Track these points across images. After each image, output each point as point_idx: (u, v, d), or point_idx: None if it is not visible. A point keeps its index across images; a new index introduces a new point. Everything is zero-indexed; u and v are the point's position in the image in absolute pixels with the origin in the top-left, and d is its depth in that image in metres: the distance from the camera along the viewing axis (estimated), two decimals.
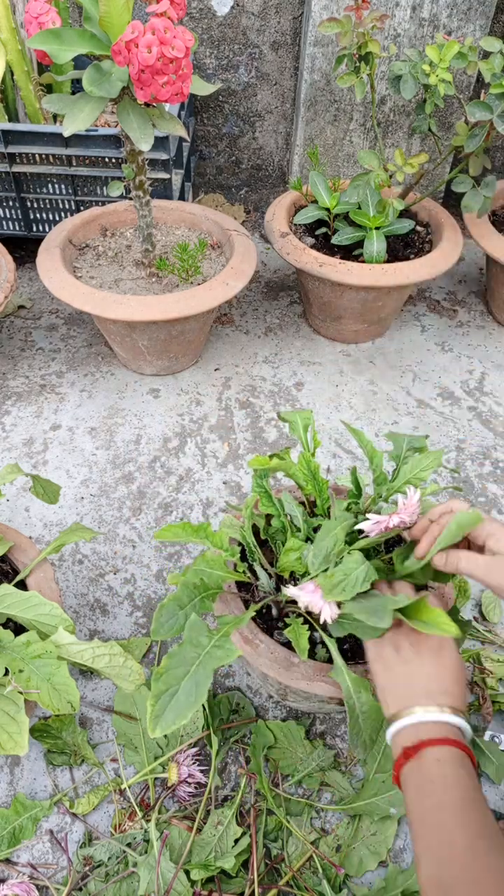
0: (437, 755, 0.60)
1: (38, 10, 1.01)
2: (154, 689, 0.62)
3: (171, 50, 0.93)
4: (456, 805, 0.57)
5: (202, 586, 0.74)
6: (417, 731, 0.62)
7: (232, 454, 1.34)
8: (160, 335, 1.35)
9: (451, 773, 0.59)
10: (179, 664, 0.64)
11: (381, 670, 0.68)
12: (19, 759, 0.94)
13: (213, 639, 0.67)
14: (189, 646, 0.66)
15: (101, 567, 1.16)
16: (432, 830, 0.57)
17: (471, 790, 0.58)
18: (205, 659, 0.65)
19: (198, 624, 0.67)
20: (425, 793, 0.59)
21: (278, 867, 0.85)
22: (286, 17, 1.74)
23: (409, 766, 0.61)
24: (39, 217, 1.61)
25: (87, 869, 0.84)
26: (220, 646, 0.66)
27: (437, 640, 0.67)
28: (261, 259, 1.84)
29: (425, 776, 0.59)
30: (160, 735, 0.61)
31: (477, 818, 0.56)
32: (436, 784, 0.59)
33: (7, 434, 1.37)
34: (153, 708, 0.62)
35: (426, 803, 0.58)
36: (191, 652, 0.65)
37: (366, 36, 1.26)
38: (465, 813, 0.57)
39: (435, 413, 1.44)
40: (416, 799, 0.59)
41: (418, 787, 0.59)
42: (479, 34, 1.64)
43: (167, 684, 0.63)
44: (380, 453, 0.84)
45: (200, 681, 0.63)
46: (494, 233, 1.49)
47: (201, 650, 0.65)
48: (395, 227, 1.45)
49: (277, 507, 0.83)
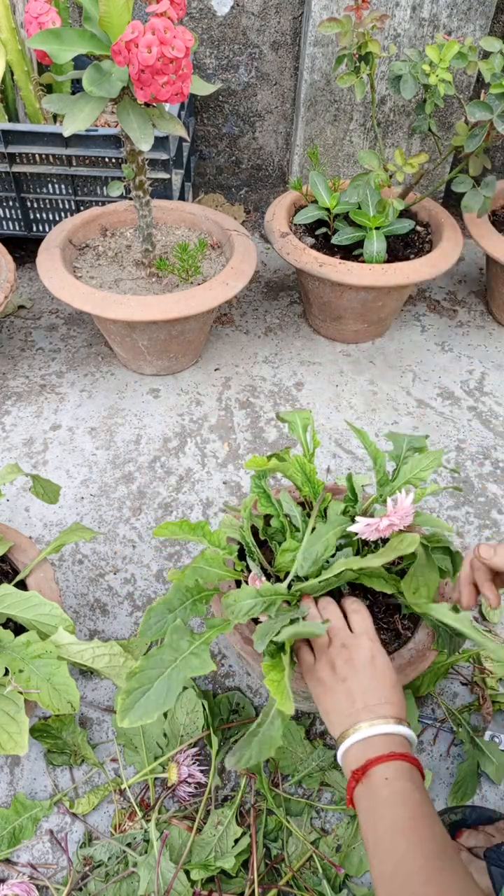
0: (385, 773, 0.60)
1: (38, 10, 1.01)
2: (126, 685, 0.65)
3: (171, 50, 0.93)
4: (406, 826, 0.57)
5: (196, 589, 0.74)
6: (364, 749, 0.62)
7: (232, 454, 1.34)
8: (160, 335, 1.35)
9: (399, 791, 0.59)
10: (155, 665, 0.66)
11: (321, 693, 0.69)
12: (19, 759, 0.94)
13: (193, 644, 0.68)
14: (168, 649, 0.67)
15: (101, 567, 1.16)
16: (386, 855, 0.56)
17: (420, 806, 0.58)
18: (181, 664, 0.66)
19: (180, 629, 0.69)
20: (377, 815, 0.59)
21: (278, 867, 0.85)
22: (286, 17, 1.74)
23: (360, 789, 0.61)
24: (39, 217, 1.61)
25: (87, 869, 0.84)
26: (197, 654, 0.67)
27: (368, 651, 0.68)
28: (261, 259, 1.84)
29: (375, 798, 0.59)
30: (127, 726, 0.63)
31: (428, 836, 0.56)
32: (386, 805, 0.58)
33: (7, 434, 1.37)
34: (123, 702, 0.64)
35: (378, 827, 0.58)
36: (169, 655, 0.67)
37: (366, 36, 1.26)
38: (417, 833, 0.56)
39: (435, 413, 1.44)
40: (369, 823, 0.59)
41: (370, 810, 0.59)
42: (479, 34, 1.64)
43: (140, 682, 0.65)
44: (383, 454, 0.85)
45: (172, 685, 0.65)
46: (494, 233, 1.49)
47: (179, 655, 0.67)
48: (395, 227, 1.45)
49: (276, 508, 0.83)
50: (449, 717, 0.98)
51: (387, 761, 0.60)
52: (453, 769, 0.95)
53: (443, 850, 0.55)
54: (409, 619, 0.86)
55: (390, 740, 0.62)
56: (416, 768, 0.62)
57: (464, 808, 0.89)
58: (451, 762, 0.95)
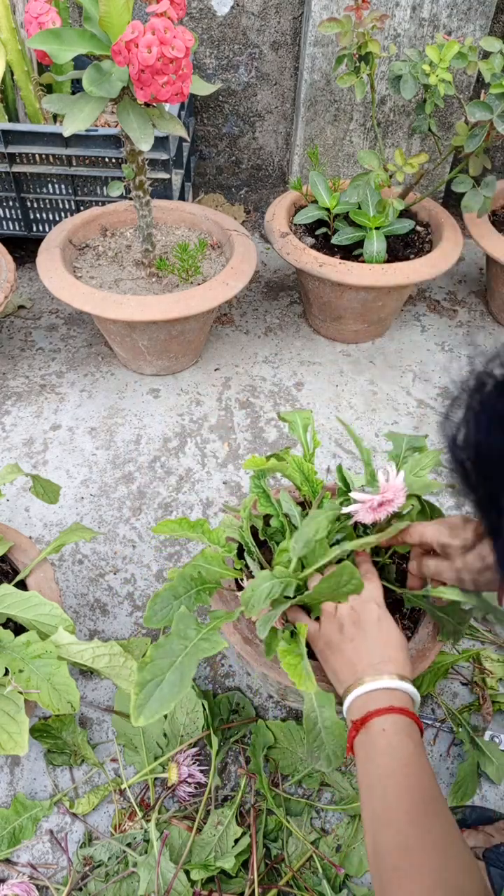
0: (383, 724, 0.62)
1: (38, 10, 1.01)
2: (139, 677, 0.63)
3: (171, 50, 0.94)
4: (398, 772, 0.59)
5: (199, 579, 0.75)
6: (366, 702, 0.65)
7: (232, 454, 1.34)
8: (160, 335, 1.35)
9: (395, 741, 0.61)
10: (165, 655, 0.65)
11: (329, 654, 0.71)
12: (19, 759, 0.94)
13: (200, 632, 0.68)
14: (176, 637, 0.67)
15: (101, 567, 1.16)
16: (376, 798, 0.59)
17: (413, 756, 0.60)
18: (192, 650, 0.66)
19: (186, 616, 0.68)
20: (372, 762, 0.61)
21: (278, 867, 0.85)
22: (286, 17, 1.74)
23: (359, 738, 0.63)
24: (39, 217, 1.61)
25: (87, 869, 0.84)
26: (207, 638, 0.67)
27: (375, 613, 0.70)
28: (261, 259, 1.84)
29: (372, 746, 0.62)
30: (143, 724, 0.61)
31: (417, 784, 0.58)
32: (381, 754, 0.61)
33: (7, 434, 1.37)
34: (137, 697, 0.62)
35: (372, 772, 0.61)
36: (177, 644, 0.66)
37: (366, 36, 1.26)
38: (407, 779, 0.59)
39: (435, 413, 1.44)
40: (364, 768, 0.62)
41: (366, 757, 0.62)
42: (479, 34, 1.64)
43: (152, 674, 0.64)
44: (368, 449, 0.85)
45: (185, 672, 0.64)
46: (494, 233, 1.49)
47: (188, 642, 0.67)
48: (395, 227, 1.45)
49: (276, 507, 0.83)
50: (449, 717, 0.98)
51: (386, 714, 0.63)
52: (453, 769, 0.95)
53: (429, 797, 0.58)
54: (410, 618, 0.86)
55: (391, 695, 0.64)
56: (415, 723, 0.63)
57: (464, 809, 0.89)
58: (451, 762, 0.95)
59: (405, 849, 0.54)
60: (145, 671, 0.64)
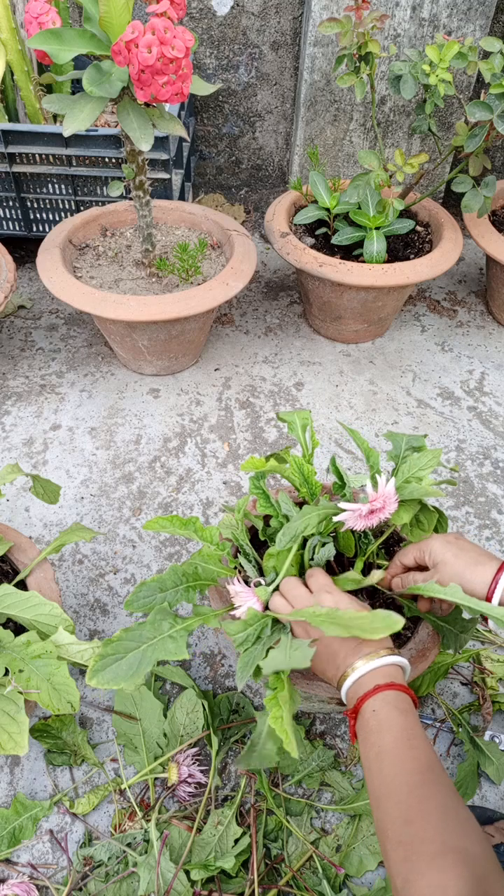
0: (372, 706, 0.63)
1: (38, 10, 1.01)
2: (101, 650, 0.66)
3: (171, 50, 0.93)
4: (390, 747, 0.60)
5: (193, 575, 0.75)
6: (356, 690, 0.66)
7: (232, 454, 1.34)
8: (160, 335, 1.35)
9: (384, 718, 0.62)
10: (133, 639, 0.68)
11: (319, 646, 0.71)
12: (19, 759, 0.94)
13: (173, 628, 0.69)
14: (149, 626, 0.69)
15: (101, 567, 1.16)
16: (374, 777, 0.60)
17: (404, 729, 0.61)
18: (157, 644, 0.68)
19: (165, 610, 0.70)
20: (368, 745, 0.62)
21: (278, 867, 0.85)
22: (286, 17, 1.74)
23: (357, 726, 0.65)
24: (39, 217, 1.61)
25: (87, 869, 0.84)
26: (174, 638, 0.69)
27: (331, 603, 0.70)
28: (261, 259, 1.84)
29: (365, 730, 0.63)
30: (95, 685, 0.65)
31: (410, 756, 0.59)
32: (373, 734, 0.62)
33: (7, 434, 1.37)
34: (95, 663, 0.66)
35: (369, 754, 0.61)
36: (148, 632, 0.68)
37: (366, 36, 1.26)
38: (399, 753, 0.60)
39: (435, 413, 1.44)
40: (363, 752, 0.63)
41: (363, 741, 0.63)
42: (479, 34, 1.64)
43: (115, 650, 0.67)
44: (376, 452, 0.85)
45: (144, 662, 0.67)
46: (494, 233, 1.49)
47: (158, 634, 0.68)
48: (395, 227, 1.45)
49: (275, 508, 0.83)
50: (449, 717, 0.98)
51: (374, 694, 0.64)
52: (453, 769, 0.95)
53: (425, 765, 0.58)
54: (409, 619, 0.86)
55: (374, 674, 0.65)
56: (403, 692, 0.64)
57: None
58: (451, 762, 0.95)
59: (406, 821, 0.55)
60: (109, 646, 0.67)
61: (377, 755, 0.60)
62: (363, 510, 0.71)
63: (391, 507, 0.72)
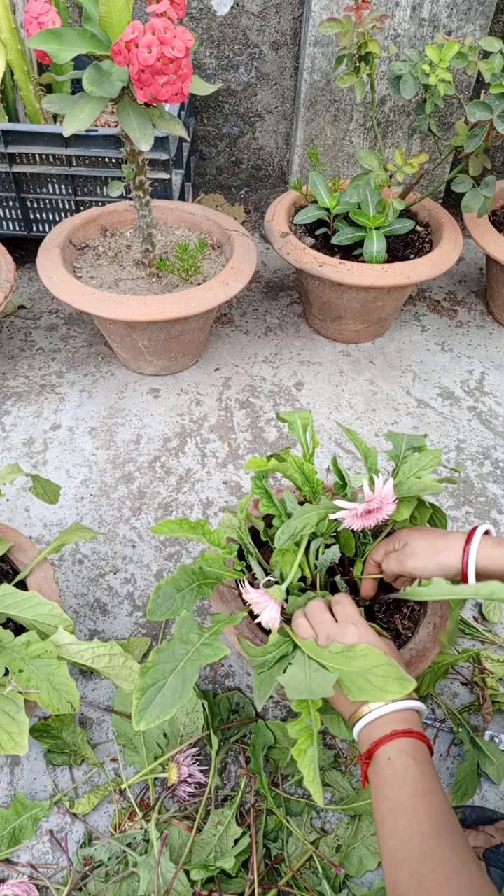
0: (388, 753, 0.61)
1: (38, 10, 1.01)
2: (140, 682, 0.63)
3: (171, 50, 0.93)
4: (405, 804, 0.58)
5: (201, 574, 0.75)
6: (370, 732, 0.63)
7: (232, 454, 1.34)
8: (160, 335, 1.35)
9: (400, 769, 0.60)
10: (168, 660, 0.65)
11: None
12: (19, 759, 0.94)
13: (203, 636, 0.67)
14: (178, 642, 0.66)
15: (101, 567, 1.16)
16: (387, 833, 0.58)
17: (420, 782, 0.59)
18: (194, 655, 0.65)
19: (189, 621, 0.68)
20: (382, 795, 0.60)
21: (278, 867, 0.85)
22: (286, 17, 1.74)
23: (370, 770, 0.62)
24: (39, 217, 1.61)
25: (87, 869, 0.84)
26: (209, 643, 0.67)
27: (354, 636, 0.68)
28: (261, 259, 1.84)
29: (380, 778, 0.61)
30: (144, 728, 0.61)
31: (426, 813, 0.57)
32: (388, 785, 0.60)
33: (7, 434, 1.37)
34: (138, 701, 0.62)
35: (382, 807, 0.59)
36: (180, 648, 0.66)
37: (366, 36, 1.26)
38: (415, 812, 0.57)
39: (435, 413, 1.44)
40: (375, 802, 0.61)
41: (376, 791, 0.61)
42: (479, 34, 1.64)
43: (154, 679, 0.64)
44: (374, 452, 0.85)
45: (187, 677, 0.64)
46: (494, 233, 1.49)
47: (190, 647, 0.66)
48: (395, 227, 1.45)
49: (278, 508, 0.83)
50: (449, 717, 0.98)
51: (390, 741, 0.61)
52: (453, 769, 0.95)
53: (440, 826, 0.56)
54: (409, 619, 0.86)
55: (394, 718, 0.63)
56: (420, 741, 0.62)
57: (463, 809, 0.89)
58: (451, 762, 0.95)
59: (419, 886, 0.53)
60: (147, 676, 0.63)
61: (391, 810, 0.58)
62: (359, 510, 0.71)
63: (389, 509, 0.72)
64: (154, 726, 0.62)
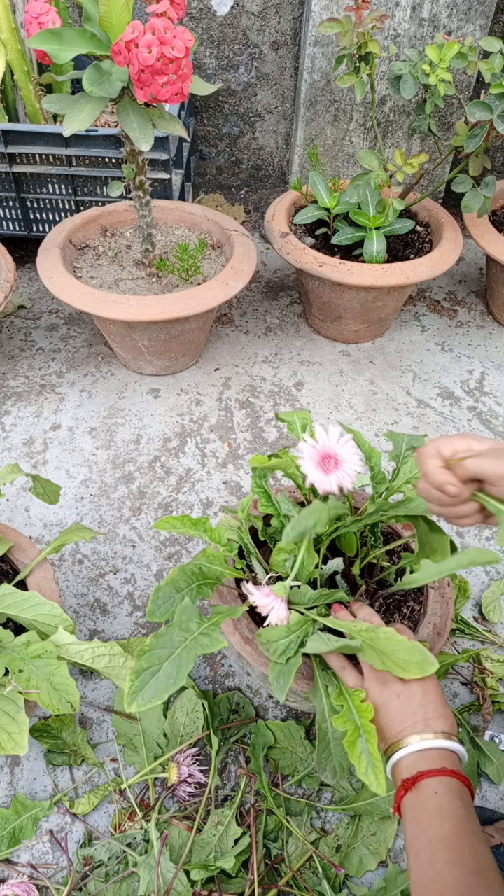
0: (435, 787, 0.60)
1: (38, 10, 1.01)
2: (136, 665, 0.63)
3: (171, 50, 0.94)
4: (448, 839, 0.57)
5: (200, 574, 0.75)
6: (417, 761, 0.62)
7: (232, 454, 1.34)
8: (160, 335, 1.35)
9: (446, 805, 0.59)
10: (165, 645, 0.65)
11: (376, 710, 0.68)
12: (19, 759, 0.94)
13: (202, 626, 0.67)
14: (177, 629, 0.66)
15: (101, 567, 1.16)
16: (425, 865, 0.57)
17: (465, 823, 0.58)
18: (191, 644, 0.66)
19: (189, 609, 0.68)
20: (421, 825, 0.59)
21: (278, 867, 0.85)
22: (286, 17, 1.74)
23: (408, 798, 0.61)
24: (39, 217, 1.61)
25: (87, 869, 0.84)
26: (207, 633, 0.67)
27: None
28: (261, 259, 1.84)
29: (423, 808, 0.60)
30: (136, 710, 0.62)
31: (469, 853, 0.56)
32: (431, 816, 0.59)
33: (7, 434, 1.37)
34: (132, 683, 0.63)
35: (421, 837, 0.59)
36: (178, 635, 0.66)
37: (366, 36, 1.26)
38: (458, 848, 0.57)
39: (435, 413, 1.44)
40: (412, 831, 0.60)
41: (415, 820, 0.60)
42: (479, 34, 1.64)
43: (150, 662, 0.64)
44: (378, 453, 0.85)
45: (182, 664, 0.64)
46: (494, 233, 1.49)
47: (189, 635, 0.66)
48: (395, 227, 1.45)
49: (276, 507, 0.83)
50: None
51: (439, 776, 0.61)
52: None
53: (482, 869, 0.56)
54: (410, 619, 0.86)
55: (443, 755, 0.63)
56: (466, 787, 0.62)
57: None
58: None
59: None
60: (143, 659, 0.64)
61: (430, 842, 0.57)
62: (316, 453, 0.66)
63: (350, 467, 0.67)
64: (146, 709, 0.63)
